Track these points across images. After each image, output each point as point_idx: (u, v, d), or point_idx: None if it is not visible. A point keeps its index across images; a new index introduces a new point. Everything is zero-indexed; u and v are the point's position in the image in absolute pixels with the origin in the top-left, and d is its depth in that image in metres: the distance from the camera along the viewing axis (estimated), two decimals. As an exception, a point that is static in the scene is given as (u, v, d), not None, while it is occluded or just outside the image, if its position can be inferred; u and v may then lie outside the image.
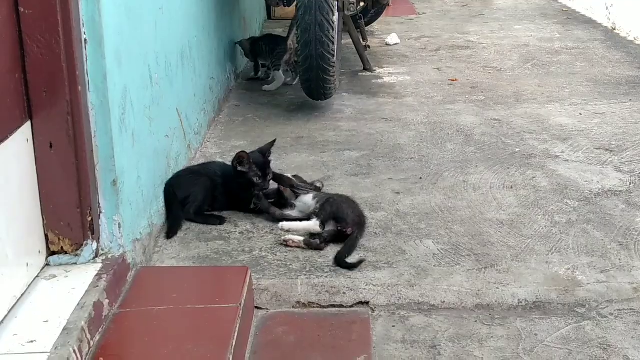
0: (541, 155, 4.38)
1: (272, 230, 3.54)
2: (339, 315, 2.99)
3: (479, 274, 3.18)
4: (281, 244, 3.38)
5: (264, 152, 3.73)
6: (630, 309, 2.97)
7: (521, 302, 3.03)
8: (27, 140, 2.65)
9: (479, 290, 3.08)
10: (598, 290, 3.07)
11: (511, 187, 3.98)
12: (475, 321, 2.93)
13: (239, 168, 3.61)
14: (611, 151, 4.42)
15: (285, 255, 3.33)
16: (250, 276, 2.97)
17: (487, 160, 4.32)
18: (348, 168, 4.27)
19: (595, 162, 4.28)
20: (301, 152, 4.50)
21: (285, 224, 3.50)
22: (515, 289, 3.08)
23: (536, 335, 2.84)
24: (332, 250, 3.34)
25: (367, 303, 3.05)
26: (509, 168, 4.22)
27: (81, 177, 2.72)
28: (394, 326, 2.92)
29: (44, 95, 2.65)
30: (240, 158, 3.61)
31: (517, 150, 4.47)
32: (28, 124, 2.65)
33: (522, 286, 3.09)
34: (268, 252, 3.34)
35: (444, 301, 3.05)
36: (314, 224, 3.43)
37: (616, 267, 3.21)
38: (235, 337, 2.55)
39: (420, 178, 4.09)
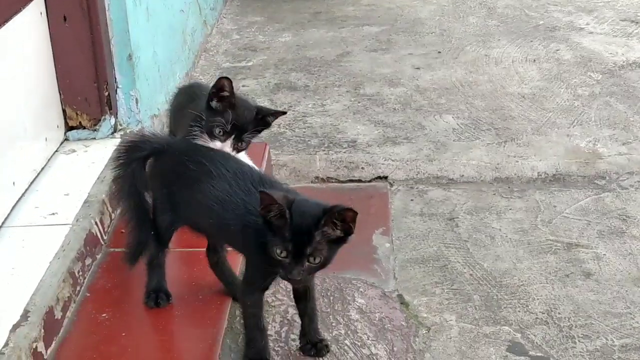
0: (565, 28, 4.27)
1: (291, 107, 3.52)
2: (357, 190, 3.00)
3: (499, 148, 3.16)
4: None
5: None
6: (651, 181, 2.96)
7: (540, 175, 3.01)
8: (41, 13, 2.60)
9: (498, 164, 3.06)
10: (619, 162, 3.05)
11: (534, 60, 3.90)
12: (494, 194, 2.93)
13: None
14: (637, 23, 4.29)
15: (304, 132, 3.32)
16: (269, 152, 2.96)
17: (510, 34, 4.22)
18: (367, 43, 4.19)
19: (621, 34, 4.17)
20: (319, 28, 4.41)
21: None
22: (535, 162, 3.06)
23: (555, 207, 2.84)
24: (351, 132, 3.33)
25: (385, 178, 3.05)
26: (532, 41, 4.12)
27: (96, 51, 2.69)
28: (412, 200, 2.92)
29: (55, -33, 2.59)
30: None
31: (541, 22, 4.36)
32: (41, -3, 2.60)
33: (542, 159, 3.08)
34: (286, 128, 3.33)
35: (463, 175, 3.04)
36: None
37: (638, 139, 3.18)
38: (255, 210, 2.56)
39: (439, 52, 4.02)
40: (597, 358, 2.16)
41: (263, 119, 2.28)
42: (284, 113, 2.37)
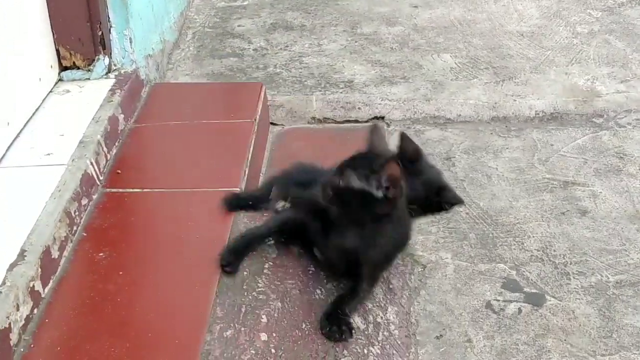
0: (565, -35, 4.21)
1: (287, 47, 3.48)
2: (354, 130, 2.99)
3: (497, 87, 3.14)
4: None
5: None
6: (649, 119, 2.96)
7: (538, 114, 3.00)
8: (30, -49, 2.56)
9: (495, 103, 3.05)
10: (617, 100, 3.03)
11: (533, -3, 3.86)
12: (491, 133, 2.92)
13: None
14: (639, -41, 4.24)
15: (300, 72, 3.29)
16: (265, 92, 2.94)
17: (509, -28, 4.16)
18: (364, -18, 4.13)
19: (622, -29, 4.12)
20: (316, -33, 4.35)
21: None
22: (533, 101, 3.04)
23: (552, 145, 2.83)
24: (348, 72, 3.30)
25: (382, 118, 3.04)
26: (531, -21, 4.07)
27: (89, -11, 2.65)
28: (409, 140, 2.91)
29: None
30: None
31: (541, -40, 4.30)
32: None
33: (539, 98, 3.06)
34: (282, 69, 3.30)
35: (460, 114, 3.03)
36: None
37: (637, 77, 3.16)
38: (251, 151, 2.56)
39: (439, -9, 3.97)
40: (591, 294, 2.18)
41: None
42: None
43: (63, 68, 2.72)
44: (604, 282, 2.22)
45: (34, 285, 1.90)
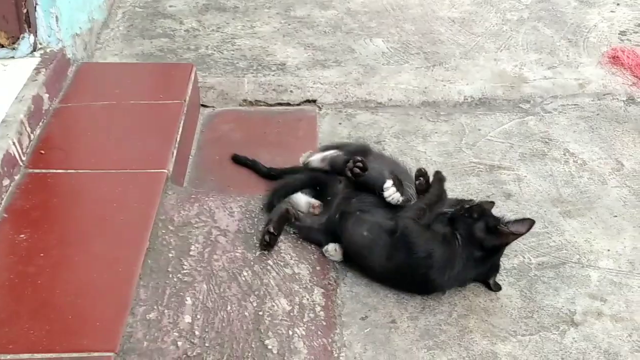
0: (497, -48, 4.26)
1: (219, 28, 3.45)
2: (285, 114, 2.98)
3: (427, 72, 3.16)
4: None
5: None
6: (574, 104, 3.01)
7: (467, 99, 3.04)
8: None
9: (426, 88, 3.07)
10: (544, 86, 3.09)
11: (465, -16, 3.89)
12: (421, 118, 2.95)
13: None
14: (569, -51, 4.31)
15: (232, 54, 3.26)
16: (196, 73, 2.91)
17: (442, -42, 4.19)
18: (299, -34, 4.11)
19: (551, -41, 4.18)
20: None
21: None
22: (462, 86, 3.08)
23: (479, 130, 2.87)
24: (281, 55, 3.29)
25: (314, 101, 3.04)
26: (463, -35, 4.10)
27: (13, -34, 2.58)
28: (340, 123, 2.92)
29: None
30: None
31: (474, -53, 4.33)
32: None
33: (468, 83, 3.09)
34: (214, 50, 3.27)
35: (391, 99, 3.04)
36: None
37: (564, 64, 3.22)
38: (180, 132, 2.53)
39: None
40: (513, 275, 2.22)
41: None
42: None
43: (-14, 46, 2.66)
44: (526, 264, 2.27)
45: (-50, 268, 1.85)
